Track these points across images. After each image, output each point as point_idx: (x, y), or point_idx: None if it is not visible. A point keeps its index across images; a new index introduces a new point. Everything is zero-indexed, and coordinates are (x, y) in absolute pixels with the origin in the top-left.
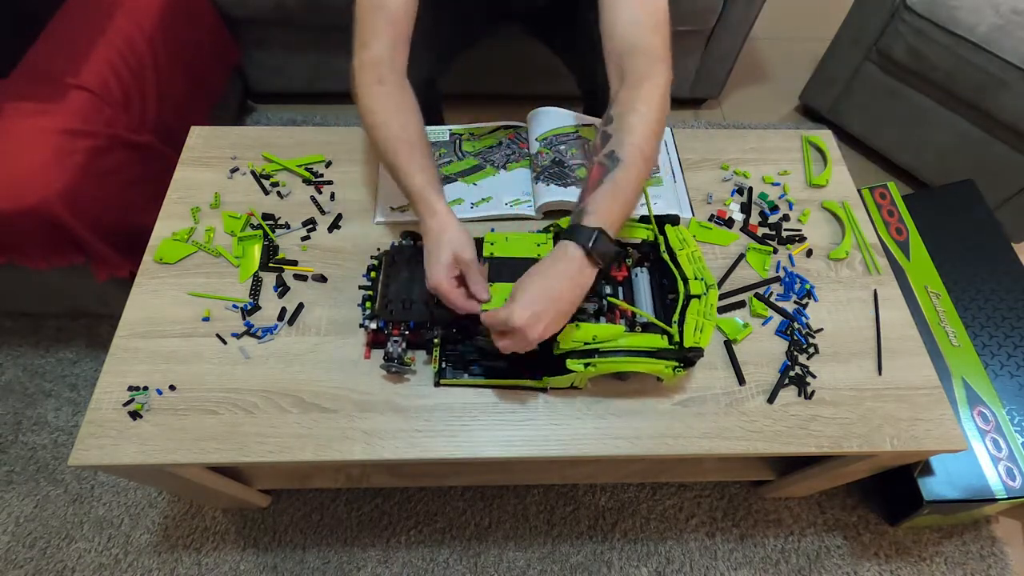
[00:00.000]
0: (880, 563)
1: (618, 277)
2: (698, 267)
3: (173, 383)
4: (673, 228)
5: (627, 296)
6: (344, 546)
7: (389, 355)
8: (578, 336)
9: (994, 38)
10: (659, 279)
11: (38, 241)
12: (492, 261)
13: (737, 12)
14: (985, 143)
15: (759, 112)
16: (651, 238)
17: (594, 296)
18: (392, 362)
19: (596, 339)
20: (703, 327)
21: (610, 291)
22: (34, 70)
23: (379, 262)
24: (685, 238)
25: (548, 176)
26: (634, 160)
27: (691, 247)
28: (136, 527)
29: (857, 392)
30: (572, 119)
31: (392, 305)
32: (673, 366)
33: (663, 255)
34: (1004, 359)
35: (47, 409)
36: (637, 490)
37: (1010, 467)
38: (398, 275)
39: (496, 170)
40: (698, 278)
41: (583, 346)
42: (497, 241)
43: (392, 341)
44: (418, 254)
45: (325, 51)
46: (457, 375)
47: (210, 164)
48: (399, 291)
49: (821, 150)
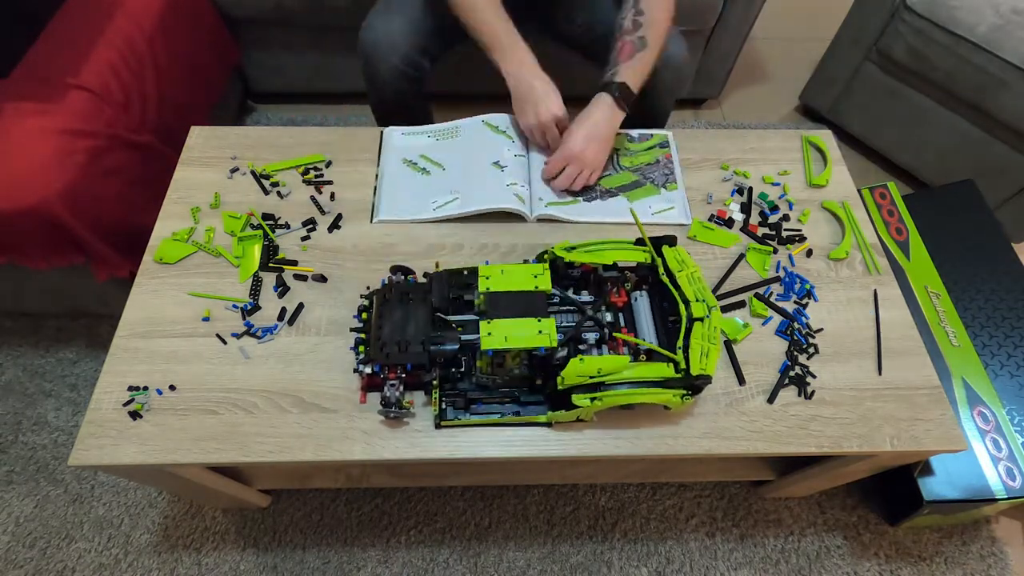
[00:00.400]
0: (880, 563)
1: (618, 303)
2: (699, 288)
3: (173, 383)
4: (671, 249)
5: (628, 322)
6: (344, 546)
7: (387, 400)
8: (583, 370)
9: (994, 38)
10: (659, 302)
11: (38, 241)
12: (489, 296)
13: (737, 12)
14: (985, 143)
15: (759, 112)
16: (647, 260)
17: (595, 325)
18: (390, 408)
19: (601, 372)
20: (708, 352)
21: (611, 319)
22: (34, 70)
23: (370, 302)
24: (683, 259)
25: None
26: (656, 43)
27: (690, 267)
28: (136, 527)
29: (857, 392)
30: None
31: (387, 348)
32: (681, 394)
33: (662, 277)
34: (1004, 359)
35: (47, 409)
36: (637, 490)
37: (1010, 467)
38: (392, 315)
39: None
40: (699, 300)
41: (588, 380)
42: (492, 275)
43: (389, 385)
44: (411, 291)
45: (325, 51)
46: (459, 415)
47: (210, 164)
48: (394, 332)
49: (821, 150)
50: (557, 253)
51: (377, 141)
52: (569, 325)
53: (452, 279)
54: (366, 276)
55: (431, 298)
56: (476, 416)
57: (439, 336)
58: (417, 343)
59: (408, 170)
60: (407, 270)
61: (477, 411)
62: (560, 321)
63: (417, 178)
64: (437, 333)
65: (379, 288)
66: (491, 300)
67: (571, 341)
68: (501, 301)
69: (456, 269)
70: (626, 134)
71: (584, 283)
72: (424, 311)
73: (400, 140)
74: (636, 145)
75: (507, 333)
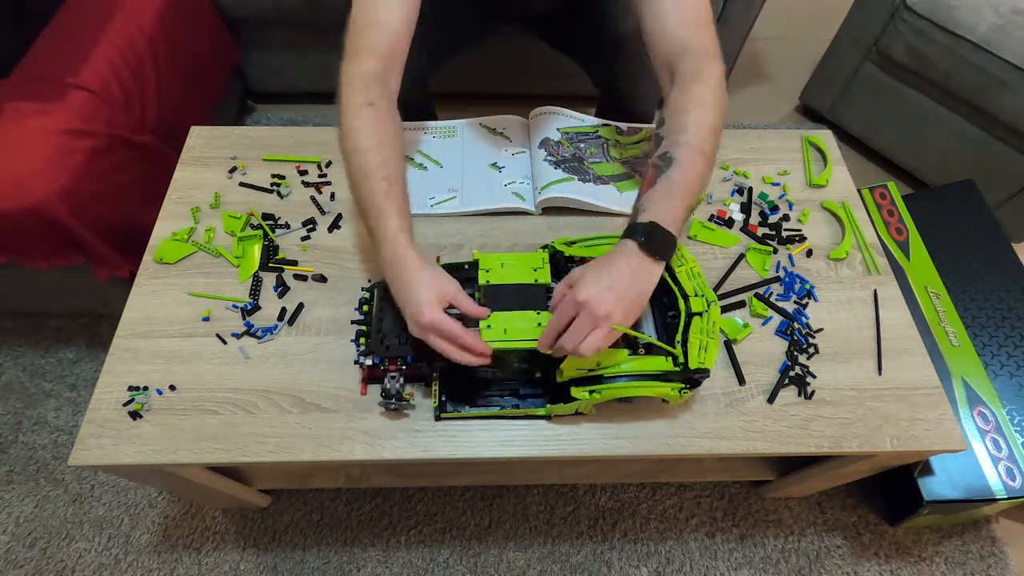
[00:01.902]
0: (880, 563)
1: None
2: (698, 283)
3: (173, 383)
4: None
5: None
6: (344, 546)
7: (387, 392)
8: (581, 363)
9: (994, 38)
10: (659, 296)
11: (38, 241)
12: (489, 289)
13: (737, 12)
14: (985, 143)
15: (759, 112)
16: None
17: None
18: (390, 399)
19: (600, 365)
20: (707, 346)
21: None
22: (34, 70)
23: (371, 295)
24: (683, 254)
25: (568, 169)
26: (690, 158)
27: (689, 263)
28: (136, 527)
29: (857, 392)
30: (587, 119)
31: (388, 340)
32: (679, 388)
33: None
34: (1004, 359)
35: (47, 409)
36: (637, 490)
37: (1010, 467)
38: (393, 307)
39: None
40: (699, 295)
41: (587, 373)
42: (492, 267)
43: (389, 377)
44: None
45: (325, 51)
46: (458, 408)
47: (210, 164)
48: (394, 324)
49: (821, 150)
50: (557, 247)
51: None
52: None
53: (453, 272)
54: (366, 276)
55: None
56: (476, 408)
57: None
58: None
59: (406, 165)
60: None
61: (477, 404)
62: None
63: (414, 173)
64: None
65: (380, 280)
66: (491, 293)
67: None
68: (501, 294)
69: (457, 263)
70: (616, 126)
71: None
72: None
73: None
74: (626, 138)
75: (506, 326)
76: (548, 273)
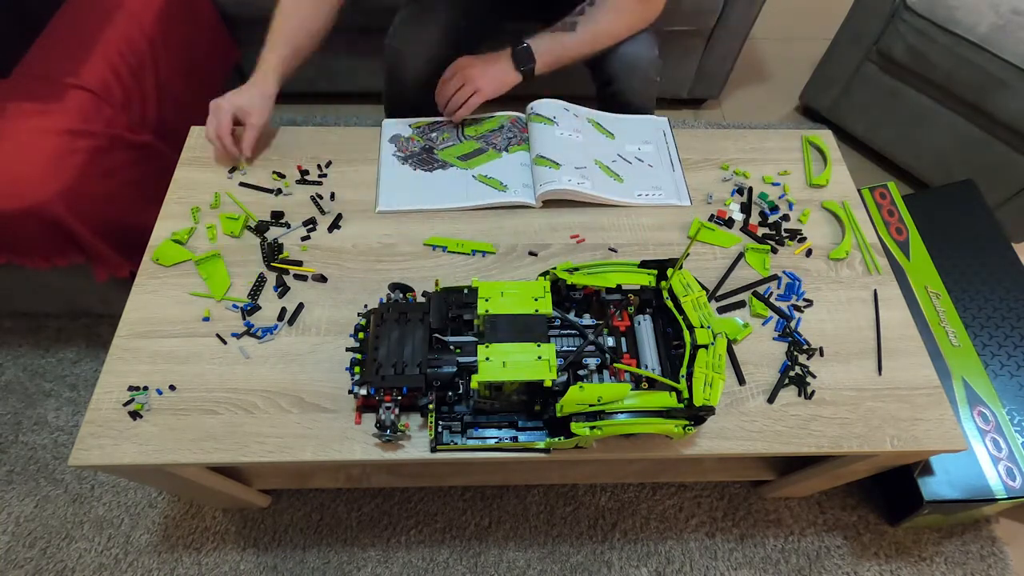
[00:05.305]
0: (880, 563)
1: (621, 327)
2: (704, 313)
3: (173, 383)
4: (677, 272)
5: (631, 346)
6: (344, 546)
7: (381, 423)
8: (582, 398)
9: (994, 38)
10: (663, 327)
11: (38, 241)
12: (488, 319)
13: (737, 12)
14: (985, 143)
15: (759, 112)
16: (651, 283)
17: (596, 350)
18: (385, 431)
19: (601, 400)
20: (713, 381)
21: (613, 343)
22: (34, 70)
23: (367, 321)
24: (689, 283)
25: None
26: (584, 38)
27: (695, 292)
28: (136, 527)
29: (857, 392)
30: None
31: (383, 370)
32: (683, 425)
33: (666, 302)
34: (1004, 359)
35: (47, 409)
36: (637, 490)
37: (1010, 467)
38: (388, 335)
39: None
40: (704, 326)
41: (588, 408)
42: (492, 296)
43: (384, 408)
44: (409, 310)
45: (325, 51)
46: (455, 439)
47: (210, 164)
48: (390, 354)
49: (821, 150)
50: (559, 274)
51: (377, 141)
52: (570, 349)
53: (451, 298)
54: (366, 276)
55: (429, 319)
56: (473, 441)
57: (436, 359)
58: (414, 365)
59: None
60: (405, 287)
61: (474, 435)
62: (560, 345)
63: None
64: (434, 355)
65: (376, 307)
66: (490, 323)
67: (571, 366)
68: (500, 324)
69: (455, 288)
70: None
71: (586, 305)
72: (421, 332)
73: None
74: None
75: (506, 358)
76: (549, 303)
